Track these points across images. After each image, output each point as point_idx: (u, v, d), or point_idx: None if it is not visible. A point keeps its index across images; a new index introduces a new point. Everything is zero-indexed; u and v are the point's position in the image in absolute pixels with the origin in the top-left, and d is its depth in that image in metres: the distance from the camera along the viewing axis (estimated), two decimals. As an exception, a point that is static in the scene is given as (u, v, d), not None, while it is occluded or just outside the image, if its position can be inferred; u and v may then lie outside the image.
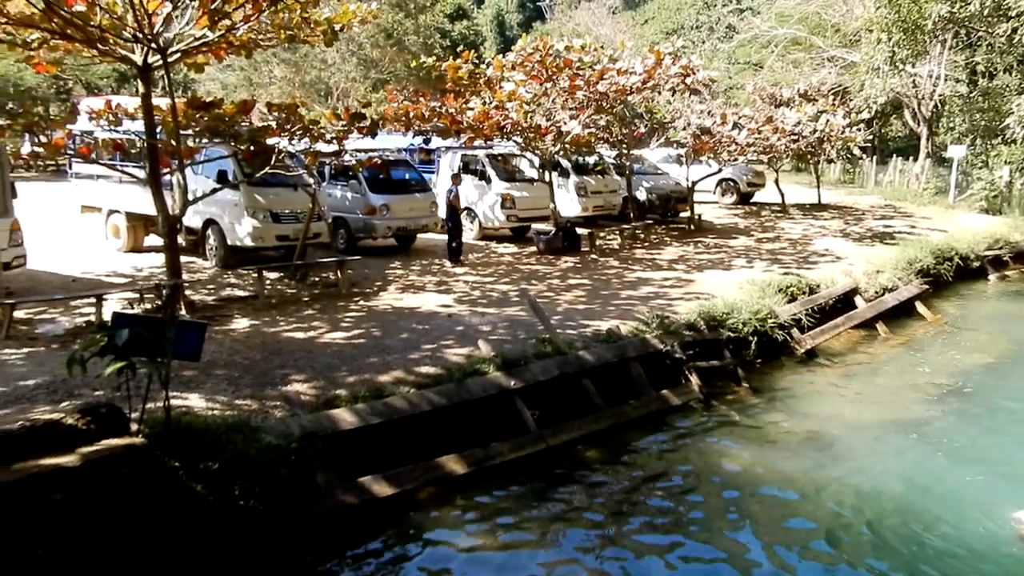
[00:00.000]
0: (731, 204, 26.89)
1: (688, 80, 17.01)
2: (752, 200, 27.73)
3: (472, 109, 15.78)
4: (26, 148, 24.65)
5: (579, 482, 7.59)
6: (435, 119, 15.39)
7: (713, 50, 40.85)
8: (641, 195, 21.87)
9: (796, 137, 21.60)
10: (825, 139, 22.81)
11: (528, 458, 7.81)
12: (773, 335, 11.18)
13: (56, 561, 4.95)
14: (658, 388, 9.52)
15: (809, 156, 25.80)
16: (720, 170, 23.02)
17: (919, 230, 20.48)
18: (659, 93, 18.62)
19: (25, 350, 8.81)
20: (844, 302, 13.38)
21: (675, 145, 21.07)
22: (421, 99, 16.32)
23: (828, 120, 22.36)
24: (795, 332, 11.65)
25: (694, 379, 9.84)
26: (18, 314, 9.81)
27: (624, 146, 19.61)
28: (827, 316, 12.66)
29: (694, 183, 21.47)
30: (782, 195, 25.22)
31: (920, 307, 14.15)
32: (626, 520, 6.87)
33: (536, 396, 8.51)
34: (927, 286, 14.75)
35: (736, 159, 21.56)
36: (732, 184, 27.13)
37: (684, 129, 19.93)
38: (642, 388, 9.43)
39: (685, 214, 21.74)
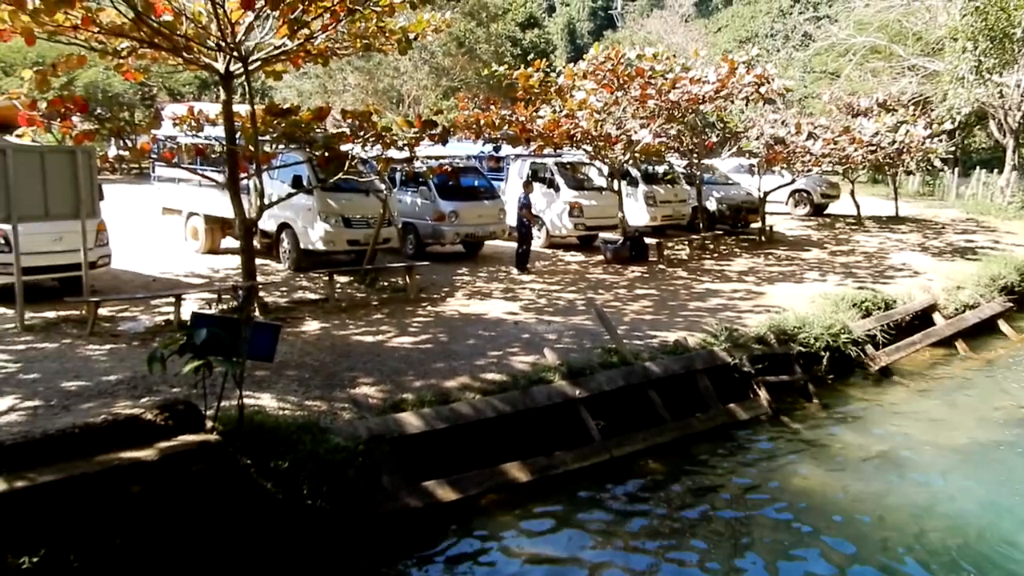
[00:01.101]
0: (804, 216, 26.34)
1: (763, 89, 16.73)
2: (826, 212, 27.11)
3: (542, 117, 15.84)
4: (112, 152, 25.64)
5: (642, 495, 7.51)
6: (505, 127, 15.48)
7: (788, 59, 40.12)
8: (711, 205, 21.60)
9: (874, 148, 21.04)
10: (905, 150, 22.16)
11: (592, 468, 7.77)
12: (846, 351, 10.89)
13: (133, 551, 5.12)
14: (725, 402, 9.37)
15: (887, 167, 25.12)
16: (793, 181, 22.59)
17: (1003, 245, 19.72)
18: (732, 102, 18.35)
19: (108, 346, 9.16)
20: (922, 319, 12.95)
21: (747, 155, 20.77)
22: (492, 107, 16.43)
23: (908, 131, 21.73)
24: (869, 348, 11.33)
25: (763, 394, 9.66)
26: (102, 311, 10.19)
27: (695, 155, 19.41)
28: (904, 333, 12.27)
29: (766, 193, 21.11)
30: (857, 207, 24.59)
31: (1003, 325, 13.61)
32: (689, 536, 6.76)
33: (601, 406, 8.46)
34: (1011, 304, 14.17)
35: (810, 170, 21.11)
36: (805, 195, 26.60)
37: (757, 139, 19.62)
38: (709, 401, 9.29)
39: (756, 225, 21.38)
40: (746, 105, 20.27)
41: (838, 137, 19.63)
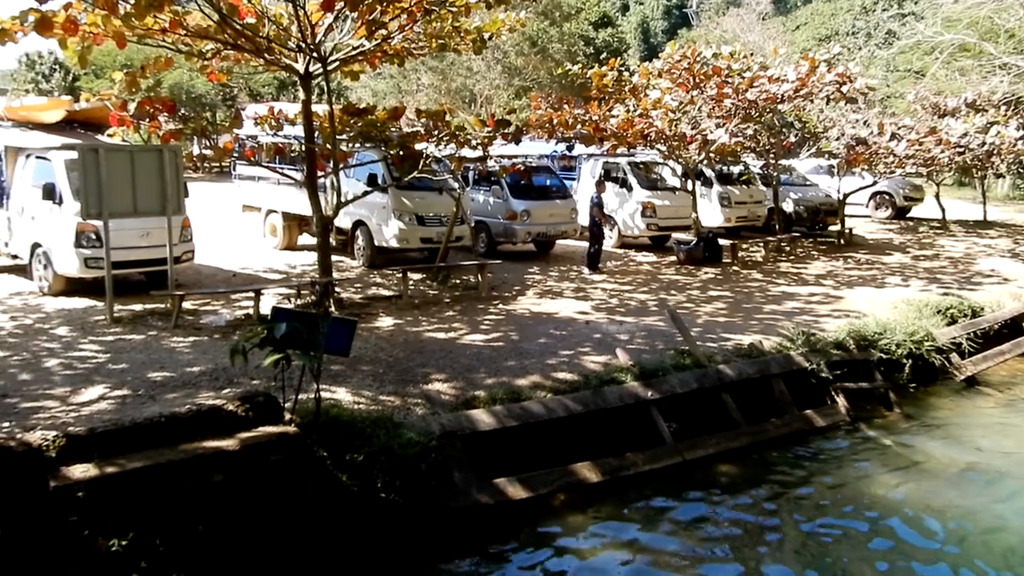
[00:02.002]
0: (885, 219, 25.54)
1: (844, 88, 16.28)
2: (909, 215, 26.25)
3: (616, 116, 15.73)
4: (195, 151, 26.53)
5: (715, 500, 7.39)
6: (578, 126, 15.43)
7: (870, 57, 38.89)
8: (788, 207, 21.13)
9: (962, 149, 20.22)
10: (995, 152, 21.25)
11: (663, 471, 7.68)
12: (929, 359, 10.50)
13: (215, 538, 5.27)
14: (801, 408, 9.14)
15: (975, 170, 24.17)
16: (875, 183, 21.91)
17: (1101, 252, 18.78)
18: (812, 102, 17.92)
19: (191, 339, 9.46)
20: (1011, 327, 12.42)
21: (827, 156, 20.24)
22: (565, 106, 16.41)
23: (999, 132, 20.83)
24: (954, 357, 10.91)
25: (841, 400, 9.40)
26: (185, 305, 10.54)
27: (772, 156, 19.01)
28: (991, 342, 11.77)
29: (846, 195, 20.55)
30: (943, 210, 23.74)
31: (1100, 336, 12.94)
32: (761, 544, 6.62)
33: (673, 408, 8.36)
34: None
35: (893, 171, 20.45)
36: (887, 197, 25.79)
37: (837, 139, 19.10)
38: (784, 407, 9.09)
39: (835, 228, 20.83)
40: (826, 104, 19.72)
41: (923, 138, 18.95)
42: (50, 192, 11.01)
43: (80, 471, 5.06)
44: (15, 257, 12.42)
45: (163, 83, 33.08)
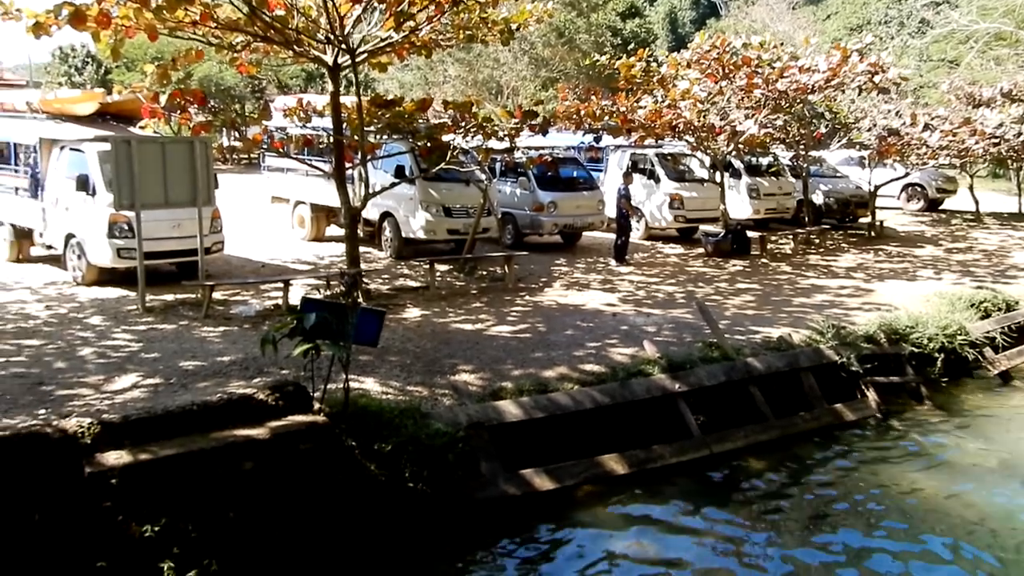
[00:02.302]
0: (917, 211, 25.17)
1: (876, 79, 16.04)
2: (941, 207, 25.84)
3: (644, 107, 15.63)
4: (224, 142, 26.75)
5: (742, 493, 7.35)
6: (606, 117, 15.35)
7: (903, 46, 38.27)
8: (818, 198, 20.87)
9: (997, 140, 19.86)
10: (1032, 143, 20.84)
11: (690, 463, 7.66)
12: (962, 353, 10.35)
13: (245, 525, 5.34)
14: (831, 402, 9.06)
15: (1011, 161, 23.70)
16: (907, 174, 21.59)
17: None
18: (843, 92, 17.68)
19: (221, 328, 9.57)
20: (1047, 321, 12.19)
21: (858, 147, 19.97)
22: (592, 97, 16.33)
23: (1035, 122, 20.43)
24: (988, 351, 10.73)
25: (871, 395, 9.30)
26: (215, 295, 10.65)
27: (802, 147, 18.79)
28: (1027, 336, 11.58)
29: (877, 187, 20.28)
30: (976, 202, 23.34)
31: None
32: (788, 538, 6.56)
33: (701, 401, 8.32)
34: None
35: (925, 163, 20.14)
36: (919, 189, 25.41)
37: (869, 130, 18.84)
38: (814, 400, 9.01)
39: (865, 220, 20.57)
40: (858, 95, 19.44)
41: (957, 128, 18.62)
42: (84, 183, 11.16)
43: (114, 458, 5.15)
44: (50, 247, 12.62)
45: (193, 75, 33.41)
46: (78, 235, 11.59)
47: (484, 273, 13.53)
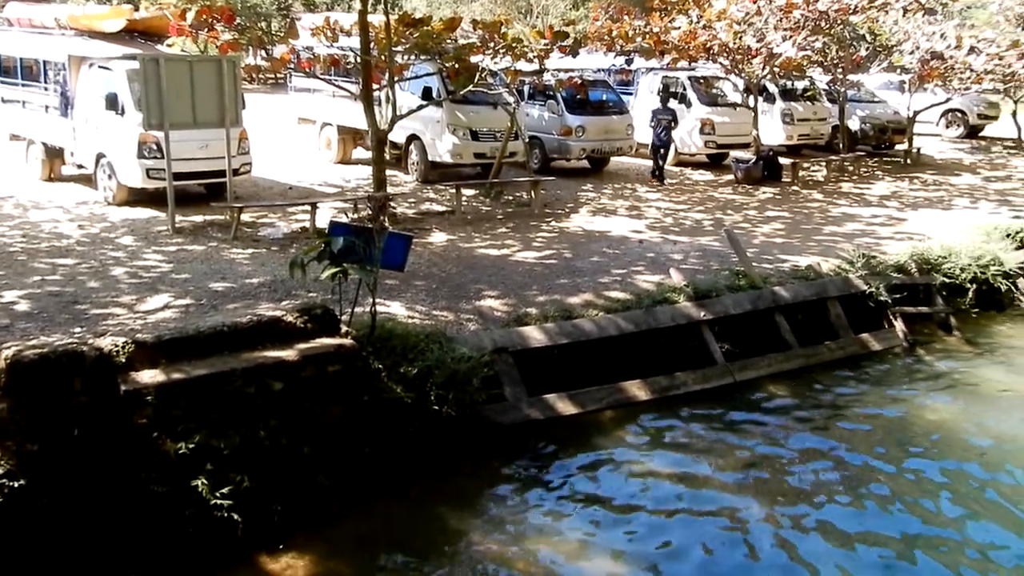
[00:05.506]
0: (956, 137, 24.49)
1: (922, -1, 15.43)
2: (982, 134, 25.12)
3: (678, 28, 15.21)
4: (251, 62, 26.42)
5: (764, 421, 7.40)
6: (639, 39, 14.97)
7: (951, -37, 36.61)
8: (854, 124, 20.33)
9: (1047, 64, 19.10)
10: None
11: (713, 391, 7.71)
12: (995, 284, 10.19)
13: (275, 443, 5.49)
14: (858, 331, 9.02)
15: (1057, 86, 22.85)
16: (948, 99, 20.94)
17: None
18: (887, 13, 17.04)
19: (249, 251, 9.66)
20: (1085, 253, 11.94)
21: (898, 71, 19.35)
22: (625, 17, 15.90)
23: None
24: (1022, 283, 10.57)
25: (899, 325, 9.23)
26: (244, 217, 10.71)
27: (840, 71, 18.23)
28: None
29: (916, 113, 19.72)
30: (1019, 129, 22.65)
31: None
32: (810, 465, 6.62)
33: (726, 329, 8.32)
34: None
35: (968, 88, 19.48)
36: (960, 115, 24.66)
37: (911, 53, 18.20)
38: (840, 330, 8.97)
39: (902, 146, 20.08)
40: (902, 16, 18.71)
41: (1004, 52, 17.93)
42: (112, 102, 11.15)
43: (148, 376, 5.29)
44: (81, 167, 12.71)
45: (219, -8, 32.86)
46: (108, 155, 11.65)
47: (510, 198, 13.46)
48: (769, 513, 5.89)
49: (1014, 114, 22.93)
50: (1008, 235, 11.26)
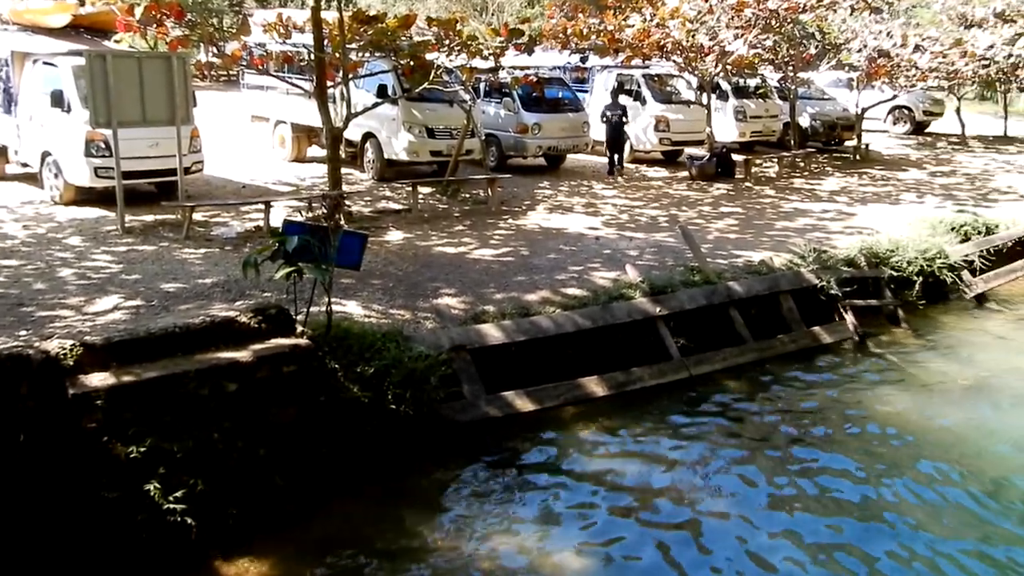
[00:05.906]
0: (903, 134, 25.08)
1: (869, -3, 15.76)
2: (927, 130, 25.75)
3: (632, 26, 15.33)
4: (202, 58, 26.02)
5: (720, 414, 7.50)
6: (593, 37, 15.05)
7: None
8: (804, 121, 20.71)
9: (987, 62, 19.67)
10: (1021, 65, 20.67)
11: (669, 385, 7.79)
12: (941, 276, 10.46)
13: (229, 445, 5.42)
14: (810, 324, 9.18)
15: (999, 83, 23.55)
16: (895, 96, 21.43)
17: (1122, 170, 18.45)
18: (835, 11, 17.37)
19: (202, 250, 9.51)
20: (1025, 245, 12.33)
21: (847, 68, 19.75)
22: (580, 15, 15.97)
23: (1027, 43, 20.21)
24: (966, 275, 10.86)
25: (849, 317, 9.41)
26: (196, 216, 10.54)
27: (791, 68, 18.54)
28: (1004, 259, 11.70)
29: (864, 110, 20.14)
30: (963, 125, 23.27)
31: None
32: (763, 456, 6.74)
33: (681, 324, 8.41)
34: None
35: (914, 85, 19.96)
36: (906, 112, 25.28)
37: (859, 51, 18.58)
38: (792, 323, 9.13)
39: (851, 143, 20.49)
40: (849, 15, 19.10)
41: (948, 50, 18.41)
42: (58, 99, 10.89)
43: (98, 379, 5.18)
44: (25, 165, 12.39)
45: (168, -13, 32.24)
46: (54, 153, 11.37)
47: (467, 196, 13.44)
48: (724, 507, 5.98)
49: (958, 111, 23.55)
50: (953, 228, 11.57)
